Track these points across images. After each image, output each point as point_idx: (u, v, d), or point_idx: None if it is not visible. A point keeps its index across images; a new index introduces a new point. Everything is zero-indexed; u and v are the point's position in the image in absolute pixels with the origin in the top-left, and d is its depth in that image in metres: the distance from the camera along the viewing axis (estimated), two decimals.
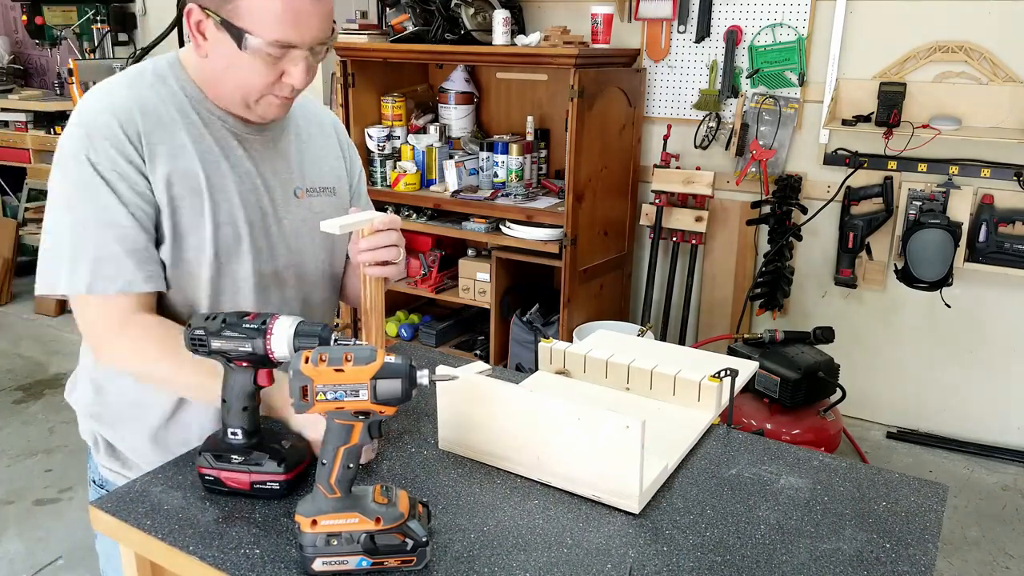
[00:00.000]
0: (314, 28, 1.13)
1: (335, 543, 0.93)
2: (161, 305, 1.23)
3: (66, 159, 1.15)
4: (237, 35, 1.11)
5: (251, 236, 1.25)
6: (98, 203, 1.13)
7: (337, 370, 0.90)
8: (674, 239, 3.44)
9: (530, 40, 3.18)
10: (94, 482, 1.40)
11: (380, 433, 0.95)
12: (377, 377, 0.91)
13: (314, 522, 0.93)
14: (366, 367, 0.91)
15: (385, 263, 1.23)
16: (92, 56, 4.82)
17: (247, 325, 1.07)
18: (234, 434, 1.10)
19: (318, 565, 0.93)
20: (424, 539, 0.95)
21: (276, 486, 1.09)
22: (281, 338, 1.06)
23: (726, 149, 3.38)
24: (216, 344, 1.07)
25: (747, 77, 3.28)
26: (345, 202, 1.41)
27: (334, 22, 1.18)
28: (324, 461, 0.94)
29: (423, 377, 0.93)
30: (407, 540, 0.94)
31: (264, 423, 1.15)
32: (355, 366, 0.90)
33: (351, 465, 0.94)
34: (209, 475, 1.10)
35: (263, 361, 1.08)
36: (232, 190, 1.23)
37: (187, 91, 1.22)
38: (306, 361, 0.91)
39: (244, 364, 1.08)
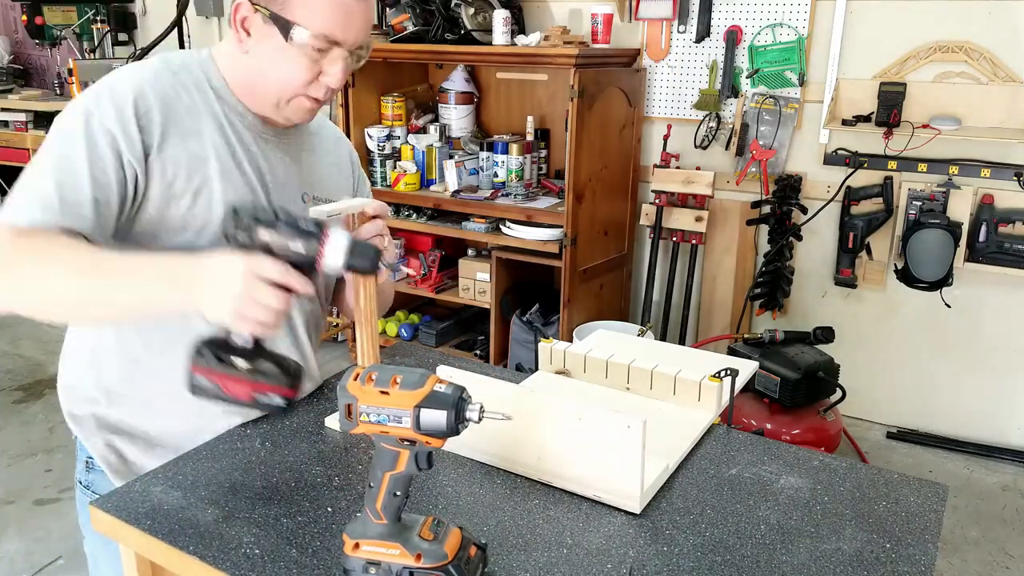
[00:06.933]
0: (358, 28, 1.17)
1: (373, 571, 0.90)
2: None
3: (66, 110, 1.14)
4: (285, 27, 1.14)
5: None
6: (64, 151, 1.10)
7: (383, 392, 0.87)
8: (674, 239, 3.44)
9: (530, 40, 3.18)
10: (80, 483, 1.37)
11: (430, 464, 0.91)
12: (421, 405, 0.86)
13: (356, 545, 0.91)
14: (411, 393, 0.86)
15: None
16: (92, 56, 4.81)
17: (302, 226, 0.99)
18: (242, 338, 1.03)
19: None
20: None
21: (280, 400, 1.03)
22: (338, 247, 0.99)
23: (726, 149, 3.38)
24: (264, 234, 0.98)
25: (747, 77, 3.28)
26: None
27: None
28: (371, 484, 0.91)
29: (473, 412, 0.87)
30: None
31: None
32: (401, 390, 0.86)
33: (398, 493, 0.90)
34: (205, 378, 1.02)
35: (304, 265, 0.99)
36: (240, 181, 1.23)
37: (213, 83, 1.23)
38: (355, 378, 0.88)
39: None
